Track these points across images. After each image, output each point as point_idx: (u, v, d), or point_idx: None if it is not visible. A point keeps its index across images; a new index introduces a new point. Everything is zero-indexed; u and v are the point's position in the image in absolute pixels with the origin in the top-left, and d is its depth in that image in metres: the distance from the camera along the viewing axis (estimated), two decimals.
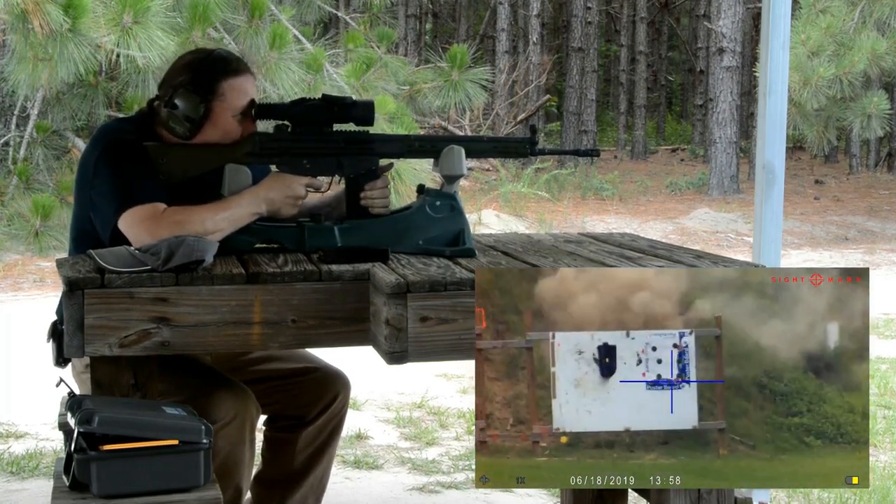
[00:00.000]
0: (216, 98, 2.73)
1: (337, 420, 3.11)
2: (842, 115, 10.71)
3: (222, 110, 2.74)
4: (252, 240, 2.69)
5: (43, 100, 6.34)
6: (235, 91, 2.75)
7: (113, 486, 2.21)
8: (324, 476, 3.17)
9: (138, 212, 2.60)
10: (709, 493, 2.57)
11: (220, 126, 2.75)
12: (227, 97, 2.74)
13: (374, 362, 3.00)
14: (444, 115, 16.06)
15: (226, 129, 2.75)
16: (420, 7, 28.20)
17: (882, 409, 5.26)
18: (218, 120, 2.74)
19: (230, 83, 2.75)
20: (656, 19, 32.48)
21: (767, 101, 3.50)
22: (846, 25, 10.22)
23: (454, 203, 2.75)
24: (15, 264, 9.16)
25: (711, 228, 13.42)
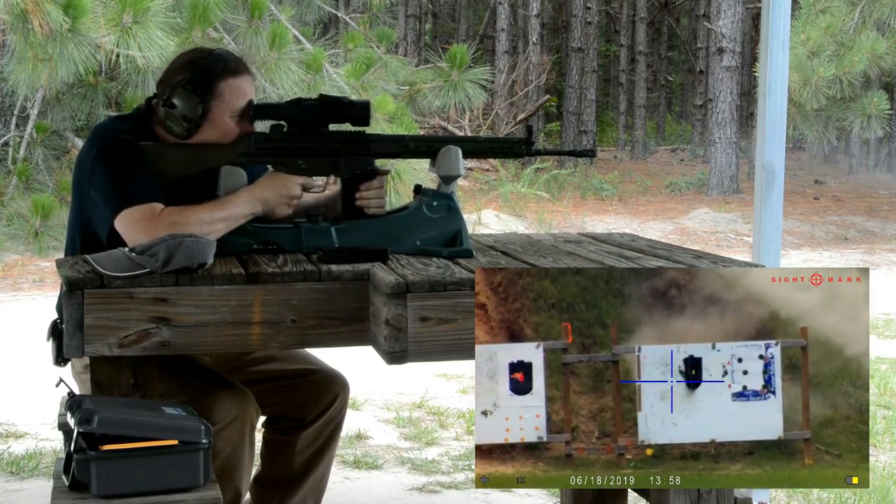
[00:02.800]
0: (214, 98, 2.72)
1: (336, 422, 3.11)
2: (842, 115, 10.72)
3: (220, 111, 2.73)
4: (249, 241, 2.68)
5: (43, 100, 6.34)
6: (234, 92, 2.75)
7: (112, 486, 2.21)
8: (323, 478, 3.16)
9: (134, 212, 2.59)
10: (708, 494, 2.57)
11: (217, 126, 2.74)
12: (225, 97, 2.73)
13: (373, 362, 3.00)
14: (444, 116, 16.06)
15: (223, 130, 2.74)
16: (420, 7, 28.20)
17: (882, 409, 5.26)
18: (215, 120, 2.73)
19: (229, 83, 2.74)
20: (656, 19, 32.48)
21: (767, 101, 3.50)
22: (846, 25, 10.23)
23: (451, 203, 2.75)
24: (15, 264, 9.16)
25: (711, 228, 13.43)
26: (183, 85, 2.72)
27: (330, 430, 3.10)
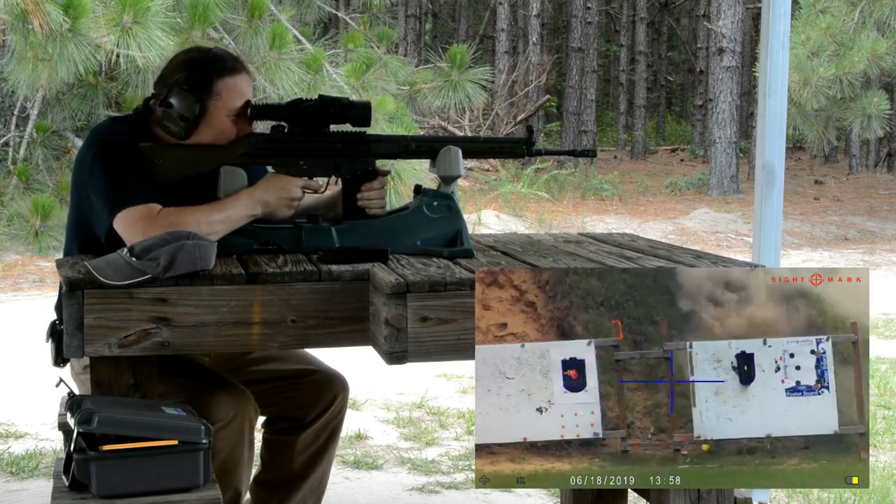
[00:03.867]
0: (211, 97, 2.72)
1: (336, 422, 3.11)
2: (842, 115, 10.72)
3: (217, 110, 2.73)
4: (249, 241, 2.68)
5: (43, 100, 6.34)
6: (231, 91, 2.74)
7: (113, 486, 2.21)
8: (323, 478, 3.16)
9: (133, 212, 2.59)
10: (708, 493, 2.57)
11: (215, 126, 2.73)
12: (222, 97, 2.73)
13: (373, 362, 3.00)
14: (444, 116, 16.06)
15: (221, 129, 2.74)
16: (420, 7, 28.20)
17: (882, 410, 5.25)
18: (213, 119, 2.73)
19: (226, 82, 2.74)
20: (656, 19, 32.48)
21: (767, 101, 3.50)
22: (846, 25, 10.22)
23: (451, 203, 2.75)
24: (15, 264, 9.16)
25: (711, 228, 13.42)
26: (180, 84, 2.71)
27: (330, 431, 3.10)
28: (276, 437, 3.11)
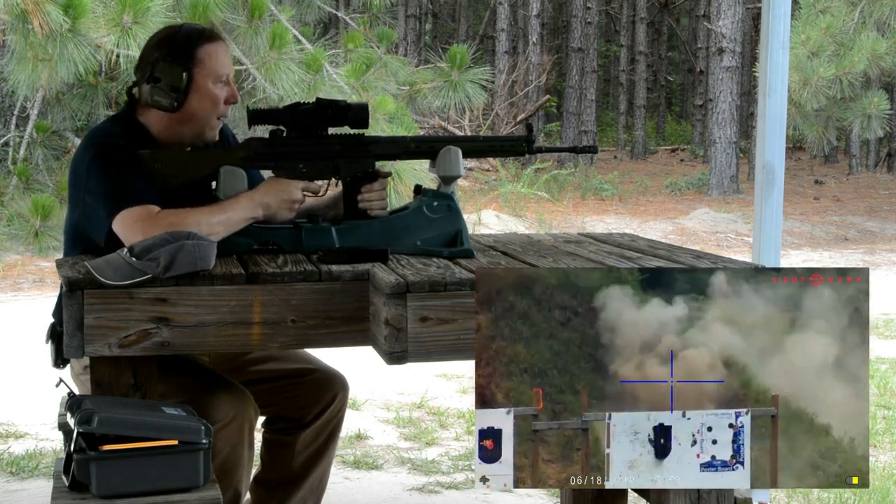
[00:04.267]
0: (196, 65, 2.76)
1: (336, 421, 3.11)
2: (842, 115, 10.72)
3: (203, 77, 2.76)
4: (249, 242, 2.68)
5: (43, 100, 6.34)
6: (213, 56, 2.78)
7: (112, 486, 2.21)
8: (323, 478, 3.16)
9: (132, 213, 2.59)
10: (708, 494, 2.57)
11: (204, 93, 2.76)
12: (205, 63, 2.77)
13: (374, 362, 3.00)
14: (444, 116, 16.06)
15: (210, 97, 2.77)
16: (420, 7, 28.20)
17: (882, 410, 5.25)
18: (200, 87, 2.76)
19: (206, 49, 2.78)
20: (656, 19, 32.48)
21: (767, 101, 3.50)
22: (846, 25, 10.23)
23: (451, 203, 2.75)
24: (15, 264, 9.16)
25: (711, 228, 13.42)
26: (163, 58, 2.75)
27: (329, 430, 3.10)
28: (276, 437, 3.11)
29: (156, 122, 2.79)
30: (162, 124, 2.79)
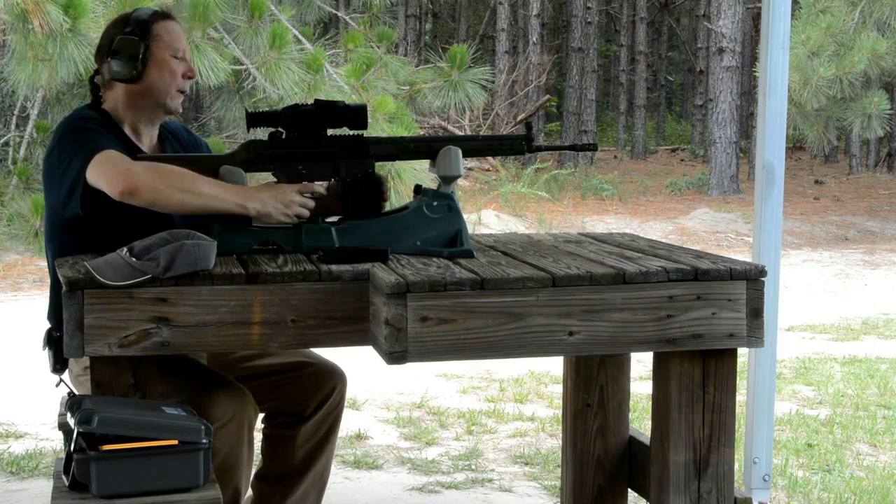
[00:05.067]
0: (153, 39, 2.83)
1: (335, 414, 3.11)
2: (842, 115, 10.73)
3: (160, 49, 2.84)
4: (249, 242, 2.68)
5: (43, 100, 6.34)
6: (169, 32, 2.86)
7: (113, 486, 2.21)
8: (324, 471, 3.16)
9: (107, 154, 2.61)
10: (708, 494, 2.57)
11: (162, 65, 2.83)
12: (163, 38, 2.84)
13: (374, 362, 3.00)
14: (444, 116, 16.06)
15: (169, 69, 2.84)
16: (420, 7, 28.20)
17: (882, 409, 5.25)
18: (158, 59, 2.83)
19: (163, 25, 2.86)
20: (656, 19, 32.49)
21: (767, 101, 3.50)
22: (846, 25, 10.23)
23: (451, 203, 2.75)
24: (15, 264, 9.16)
25: (711, 228, 13.42)
26: (121, 32, 2.83)
27: (329, 423, 3.10)
28: (277, 432, 3.11)
29: (120, 103, 2.85)
30: (124, 101, 2.85)
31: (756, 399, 3.54)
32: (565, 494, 3.25)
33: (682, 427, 2.58)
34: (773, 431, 3.62)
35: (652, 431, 2.71)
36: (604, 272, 2.46)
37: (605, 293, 2.44)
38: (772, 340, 3.37)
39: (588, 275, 2.44)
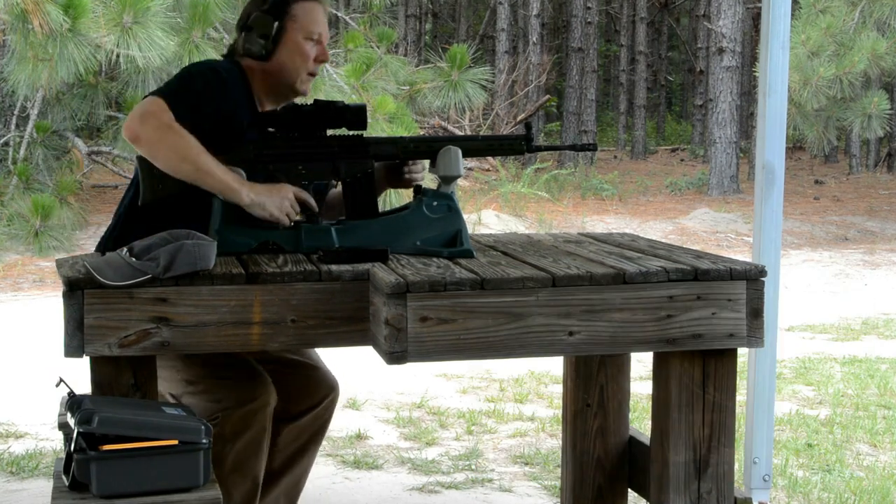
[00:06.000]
0: (288, 19, 2.84)
1: (321, 422, 3.08)
2: (842, 115, 10.73)
3: (294, 31, 2.84)
4: (249, 242, 2.69)
5: (43, 100, 6.35)
6: (307, 13, 2.86)
7: (113, 486, 2.21)
8: (300, 480, 3.12)
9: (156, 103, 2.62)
10: (708, 493, 2.57)
11: (293, 47, 2.83)
12: (299, 18, 2.84)
13: (373, 362, 3.00)
14: (444, 116, 16.06)
15: (300, 52, 2.84)
16: (420, 7, 28.20)
17: (882, 409, 5.25)
18: (290, 40, 2.83)
19: (303, 6, 2.86)
20: (656, 19, 32.48)
21: (767, 101, 3.50)
22: (846, 25, 10.23)
23: (451, 203, 2.75)
24: (15, 264, 9.16)
25: (711, 228, 13.42)
26: (258, 8, 2.85)
27: (314, 430, 3.07)
28: None
29: (253, 73, 2.87)
30: (256, 75, 2.87)
31: (756, 399, 3.54)
32: (565, 494, 3.25)
33: (682, 427, 2.58)
34: (773, 431, 3.62)
35: (652, 431, 2.71)
36: (604, 272, 2.46)
37: (605, 293, 2.44)
38: (772, 340, 3.37)
39: (588, 275, 2.44)
